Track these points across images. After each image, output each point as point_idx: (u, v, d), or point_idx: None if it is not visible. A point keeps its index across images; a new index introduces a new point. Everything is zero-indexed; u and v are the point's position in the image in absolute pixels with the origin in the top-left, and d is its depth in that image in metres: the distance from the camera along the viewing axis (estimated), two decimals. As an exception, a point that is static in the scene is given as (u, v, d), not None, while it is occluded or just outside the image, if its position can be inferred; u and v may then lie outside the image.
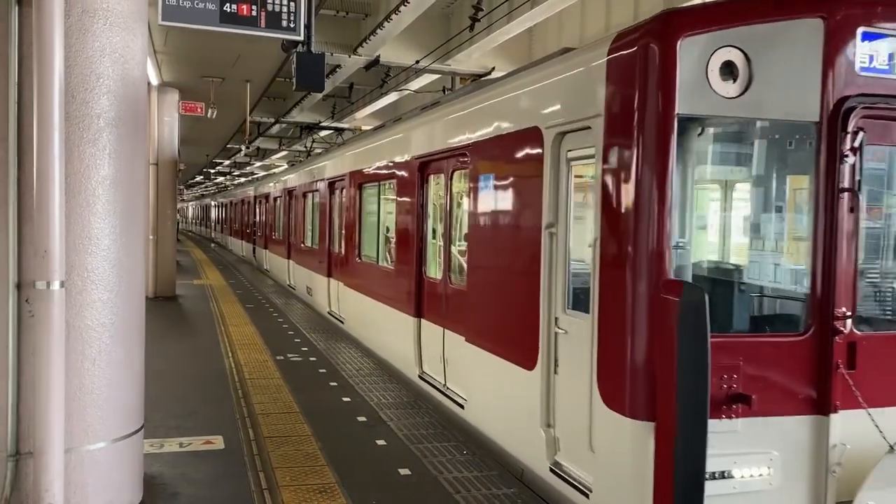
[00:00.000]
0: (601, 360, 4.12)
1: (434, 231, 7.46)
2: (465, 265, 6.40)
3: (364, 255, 10.19)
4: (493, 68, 12.87)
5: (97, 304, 3.99)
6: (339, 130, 16.55)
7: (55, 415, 3.74)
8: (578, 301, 4.59)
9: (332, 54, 12.82)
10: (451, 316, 6.60)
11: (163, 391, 6.96)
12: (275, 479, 4.83)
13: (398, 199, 8.19)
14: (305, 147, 20.46)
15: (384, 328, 8.77)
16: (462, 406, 6.20)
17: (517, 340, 5.13)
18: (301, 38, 5.27)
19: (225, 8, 4.93)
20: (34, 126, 3.70)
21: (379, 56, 12.71)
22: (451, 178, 6.76)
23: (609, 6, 11.08)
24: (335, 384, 7.56)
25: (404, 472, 5.06)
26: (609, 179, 4.07)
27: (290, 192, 16.61)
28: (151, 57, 12.29)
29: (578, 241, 4.66)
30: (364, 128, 19.83)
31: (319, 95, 16.82)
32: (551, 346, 4.72)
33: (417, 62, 12.83)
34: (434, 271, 7.33)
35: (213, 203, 45.67)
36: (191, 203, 71.62)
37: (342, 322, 11.14)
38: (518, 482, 4.95)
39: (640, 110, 3.86)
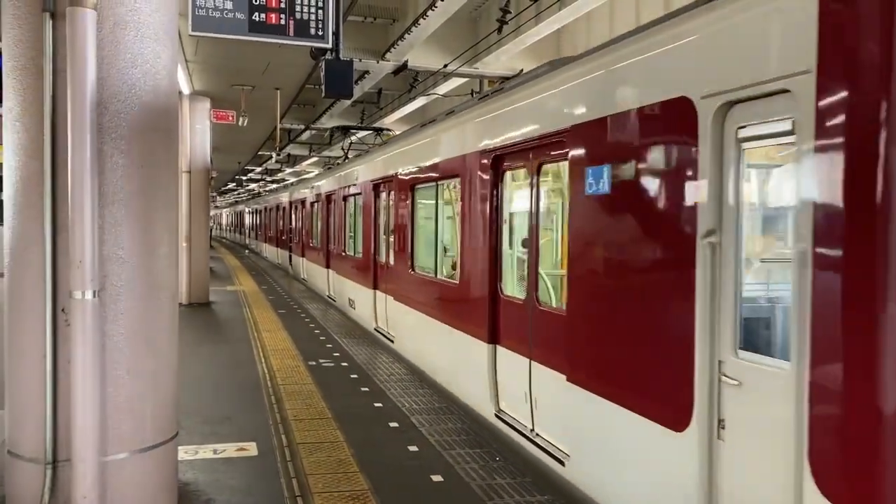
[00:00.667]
0: (818, 432, 2.86)
1: (513, 239, 6.22)
2: (563, 284, 5.13)
3: (419, 266, 8.87)
4: (522, 70, 12.83)
5: (131, 313, 4.03)
6: (378, 131, 16.12)
7: (91, 423, 3.79)
8: (757, 339, 3.45)
9: (360, 60, 12.88)
10: (541, 346, 5.35)
11: (197, 398, 7.03)
12: (308, 485, 4.84)
13: (463, 200, 6.88)
14: (343, 149, 20.24)
15: (446, 353, 7.47)
16: (561, 462, 4.93)
17: (656, 389, 3.89)
18: (329, 45, 5.29)
19: (254, 17, 4.97)
20: (68, 137, 3.76)
21: (407, 61, 12.73)
22: (539, 174, 5.50)
23: (639, 4, 10.97)
24: (367, 389, 7.56)
25: (437, 478, 5.03)
26: (827, 165, 2.88)
27: (328, 197, 15.58)
28: (183, 66, 12.47)
29: (758, 255, 3.60)
30: (392, 133, 19.92)
31: (348, 102, 16.90)
32: (714, 400, 3.48)
33: (445, 66, 12.83)
34: (514, 289, 6.14)
35: (246, 209, 44.72)
36: (224, 210, 72.33)
37: (391, 341, 9.88)
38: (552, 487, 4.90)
39: (888, 59, 2.66)
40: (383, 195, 10.81)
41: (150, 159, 4.11)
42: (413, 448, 5.66)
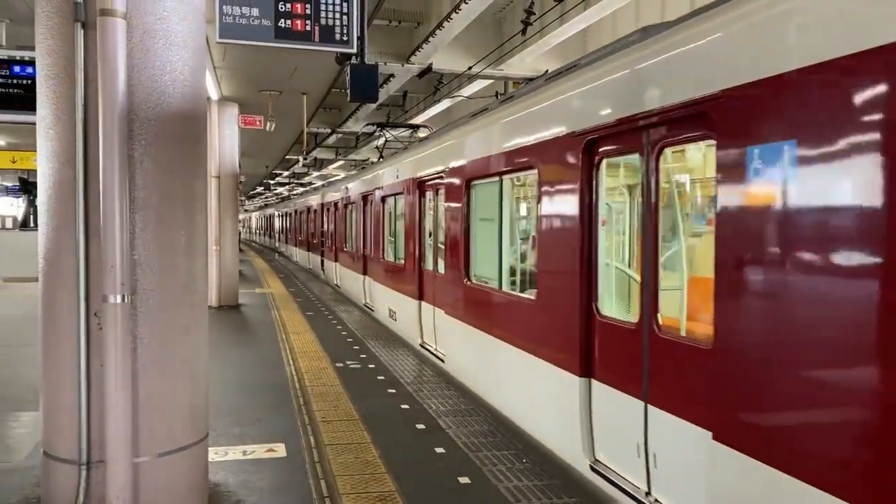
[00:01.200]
0: None
1: (615, 247, 5.19)
2: (705, 307, 3.86)
3: (477, 275, 7.73)
4: (547, 70, 12.82)
5: (163, 316, 4.10)
6: (414, 128, 15.43)
7: (123, 425, 3.86)
8: None
9: (385, 64, 12.96)
10: (665, 386, 4.17)
11: (227, 399, 7.11)
12: (336, 486, 4.88)
13: (542, 198, 5.66)
14: (377, 148, 19.38)
15: (516, 382, 6.26)
16: None
17: None
18: (354, 50, 5.33)
19: (280, 24, 5.03)
20: (100, 144, 3.83)
21: (432, 63, 12.78)
22: (657, 159, 4.29)
23: (664, 3, 10.90)
24: (393, 391, 7.60)
25: (464, 480, 5.04)
26: None
27: (364, 198, 14.49)
28: (211, 72, 12.64)
29: None
30: (429, 129, 19.88)
31: (374, 105, 17.00)
32: None
33: (470, 68, 12.85)
34: (616, 309, 5.04)
35: (276, 213, 43.03)
36: (253, 213, 72.70)
37: (442, 360, 8.81)
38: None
39: None
40: (430, 194, 9.77)
41: (180, 165, 4.18)
42: (440, 450, 5.68)
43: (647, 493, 4.36)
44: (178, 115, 4.15)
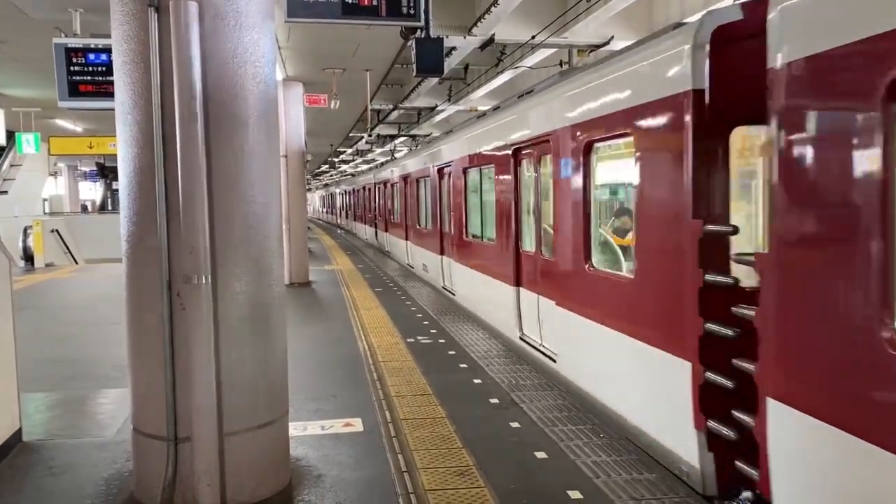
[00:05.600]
0: None
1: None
2: None
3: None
4: (613, 37, 12.46)
5: (242, 295, 4.17)
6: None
7: (208, 402, 3.96)
8: None
9: (447, 37, 12.81)
10: None
11: (303, 375, 7.24)
12: (413, 460, 4.91)
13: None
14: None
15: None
16: None
17: None
18: (421, 23, 5.27)
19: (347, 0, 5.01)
20: (177, 128, 3.89)
21: (494, 35, 12.58)
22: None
23: (736, -38, 10.43)
24: (465, 366, 7.60)
25: (541, 455, 5.01)
26: None
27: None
28: (277, 53, 12.76)
29: None
30: (480, 108, 19.69)
31: (436, 80, 16.90)
32: None
33: (533, 37, 12.61)
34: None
35: (364, 187, 30.75)
36: (318, 192, 72.66)
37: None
38: (661, 466, 4.78)
39: None
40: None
41: (255, 146, 4.21)
42: (515, 424, 5.66)
43: None
44: (250, 97, 4.17)
